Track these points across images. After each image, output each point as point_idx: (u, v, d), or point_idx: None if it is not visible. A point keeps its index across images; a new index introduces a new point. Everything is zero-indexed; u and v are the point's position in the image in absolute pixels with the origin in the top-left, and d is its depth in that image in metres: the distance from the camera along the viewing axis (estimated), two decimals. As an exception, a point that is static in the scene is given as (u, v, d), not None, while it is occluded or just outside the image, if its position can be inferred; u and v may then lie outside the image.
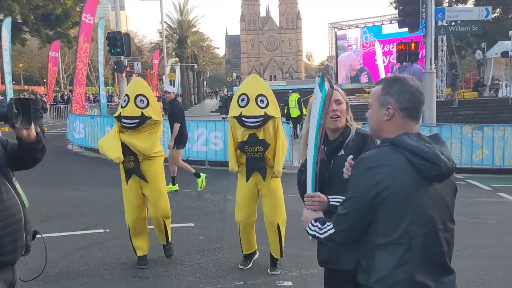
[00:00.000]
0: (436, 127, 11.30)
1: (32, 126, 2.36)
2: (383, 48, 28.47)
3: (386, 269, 1.82)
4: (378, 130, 1.98)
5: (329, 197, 2.27)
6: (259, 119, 4.65)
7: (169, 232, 5.34)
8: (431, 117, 12.09)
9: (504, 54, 24.99)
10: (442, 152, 1.81)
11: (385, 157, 1.85)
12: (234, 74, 51.91)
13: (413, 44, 12.19)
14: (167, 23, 43.73)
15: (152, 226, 5.32)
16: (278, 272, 4.96)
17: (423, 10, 11.76)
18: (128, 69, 24.46)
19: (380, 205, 1.81)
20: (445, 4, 29.98)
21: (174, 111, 8.62)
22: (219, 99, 30.74)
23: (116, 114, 5.00)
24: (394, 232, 1.81)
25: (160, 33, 40.07)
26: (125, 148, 4.92)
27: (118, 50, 15.30)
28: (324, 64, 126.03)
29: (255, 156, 4.77)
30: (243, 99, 4.75)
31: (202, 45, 54.14)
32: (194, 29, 48.30)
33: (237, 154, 4.92)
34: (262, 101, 4.70)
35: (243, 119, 4.70)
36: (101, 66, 19.45)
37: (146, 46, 73.34)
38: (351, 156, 2.20)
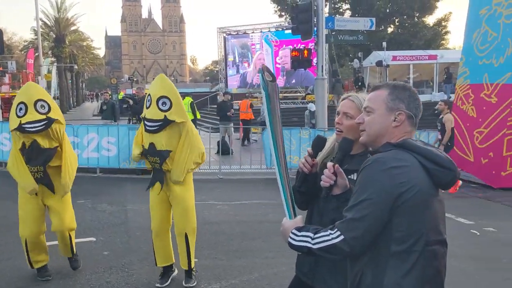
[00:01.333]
0: (329, 131, 11.79)
1: None
2: (283, 48, 28.25)
3: (397, 280, 1.70)
4: (381, 136, 1.85)
5: None
6: (157, 123, 4.38)
7: (73, 244, 4.92)
8: (323, 121, 12.58)
9: (379, 63, 27.07)
10: None
11: (404, 159, 1.73)
12: (126, 76, 49.62)
13: (306, 51, 12.62)
14: (42, 20, 40.66)
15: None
16: (194, 284, 4.68)
17: (315, 18, 12.21)
18: (0, 68, 22.23)
19: (400, 207, 1.68)
20: (326, 15, 31.70)
21: None
22: (102, 101, 29.09)
23: (15, 125, 4.42)
24: (411, 238, 1.70)
25: (35, 30, 37.09)
26: (33, 154, 4.45)
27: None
28: (209, 68, 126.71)
29: (155, 167, 4.58)
30: (148, 100, 4.50)
31: (81, 45, 51.19)
32: (73, 28, 45.54)
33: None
34: (164, 103, 4.40)
35: (145, 122, 4.46)
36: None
37: (16, 44, 67.52)
38: (331, 163, 2.01)
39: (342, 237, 1.72)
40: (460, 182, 9.73)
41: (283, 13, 40.58)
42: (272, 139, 2.04)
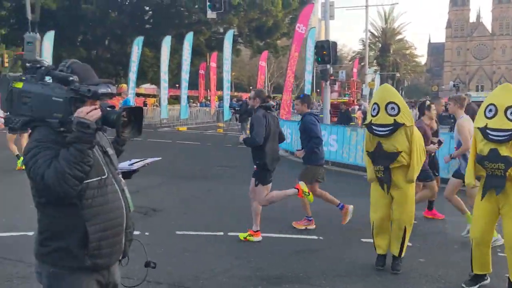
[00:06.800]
0: None
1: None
2: None
3: None
4: None
5: None
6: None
7: (405, 242, 5.16)
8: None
9: None
10: None
11: None
12: (451, 83, 48.13)
13: None
14: (370, 31, 43.38)
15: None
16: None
17: None
18: (332, 77, 24.80)
19: None
20: None
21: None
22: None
23: (366, 122, 5.13)
24: None
25: (363, 41, 40.01)
26: (375, 155, 5.03)
27: (325, 58, 15.51)
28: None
29: (495, 174, 4.43)
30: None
31: (405, 53, 52.22)
32: (398, 37, 46.92)
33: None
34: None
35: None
36: (308, 74, 20.01)
37: (345, 55, 73.90)
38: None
39: None
40: None
41: None
42: None
